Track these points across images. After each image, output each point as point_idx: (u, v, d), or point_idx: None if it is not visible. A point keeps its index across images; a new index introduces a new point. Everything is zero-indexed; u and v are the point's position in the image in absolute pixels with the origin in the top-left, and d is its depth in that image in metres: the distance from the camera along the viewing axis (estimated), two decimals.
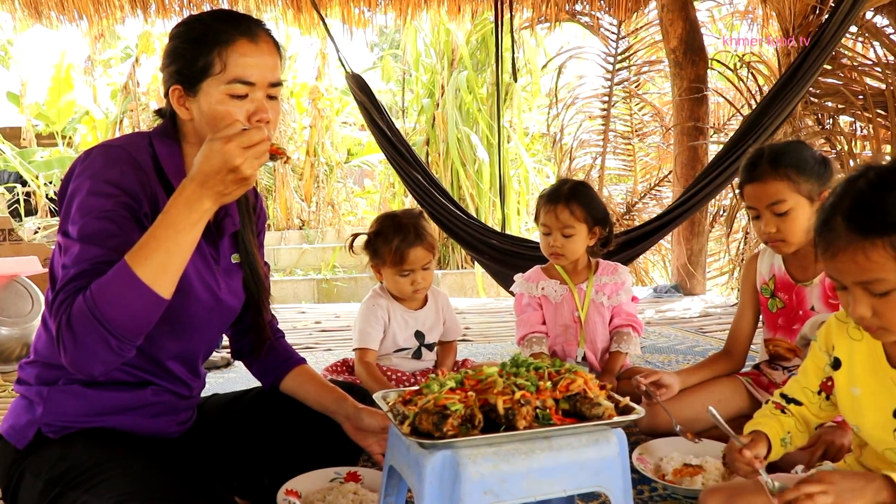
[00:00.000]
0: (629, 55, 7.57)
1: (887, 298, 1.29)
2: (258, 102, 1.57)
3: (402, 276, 2.70)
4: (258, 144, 1.41)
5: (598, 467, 1.31)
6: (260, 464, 1.94)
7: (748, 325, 2.46)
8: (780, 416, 1.63)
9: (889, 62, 5.51)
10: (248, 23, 1.59)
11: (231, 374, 3.66)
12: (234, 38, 1.55)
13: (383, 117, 5.23)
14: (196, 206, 1.41)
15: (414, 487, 1.28)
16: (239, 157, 1.38)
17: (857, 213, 1.29)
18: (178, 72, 1.58)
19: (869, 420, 1.46)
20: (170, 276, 1.41)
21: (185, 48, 1.58)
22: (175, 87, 1.59)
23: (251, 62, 1.55)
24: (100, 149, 1.56)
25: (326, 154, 13.01)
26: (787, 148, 2.19)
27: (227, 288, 1.74)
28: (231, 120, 1.52)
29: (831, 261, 1.33)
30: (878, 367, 1.46)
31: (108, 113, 13.10)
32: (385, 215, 2.80)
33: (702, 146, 6.26)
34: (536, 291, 2.98)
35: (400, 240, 2.64)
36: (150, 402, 1.68)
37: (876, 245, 1.26)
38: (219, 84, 1.54)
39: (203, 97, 1.56)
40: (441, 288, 3.53)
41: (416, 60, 11.57)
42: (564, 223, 2.79)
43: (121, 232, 1.46)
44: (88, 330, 1.36)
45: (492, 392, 1.28)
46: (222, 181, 1.40)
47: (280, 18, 6.96)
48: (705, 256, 6.59)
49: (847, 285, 1.34)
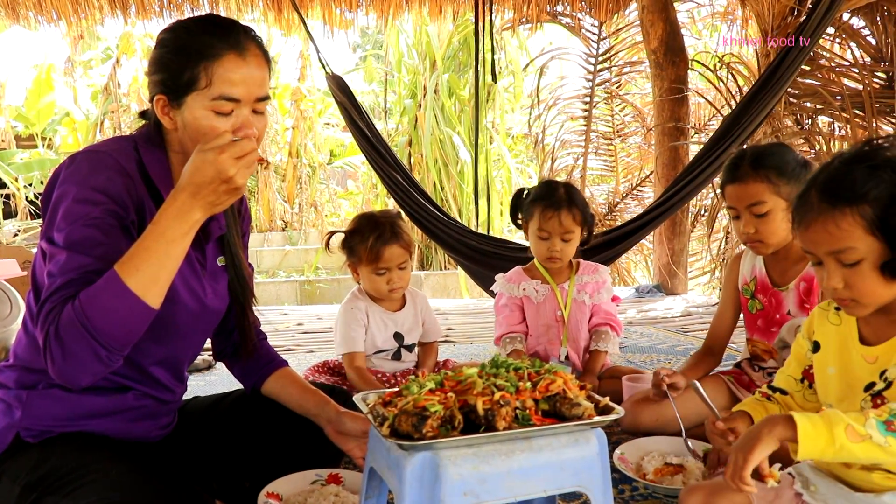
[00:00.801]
0: (610, 56, 7.60)
1: (857, 269, 1.35)
2: (243, 118, 1.54)
3: (378, 275, 2.70)
4: (249, 154, 1.41)
5: (578, 467, 1.31)
6: (241, 466, 1.94)
7: (728, 323, 2.49)
8: (766, 403, 1.66)
9: (866, 63, 5.57)
10: (238, 34, 1.55)
11: (213, 377, 3.64)
12: (220, 53, 1.51)
13: (363, 118, 5.22)
14: (187, 216, 1.41)
15: (394, 489, 1.28)
16: (232, 168, 1.38)
17: (829, 184, 1.37)
18: (163, 82, 1.55)
19: (841, 397, 1.50)
20: (160, 286, 1.41)
21: (171, 59, 1.54)
22: (160, 97, 1.56)
23: (237, 78, 1.52)
24: (85, 154, 1.54)
25: (309, 155, 12.99)
26: (769, 150, 2.21)
27: (212, 293, 1.74)
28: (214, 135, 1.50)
29: (805, 231, 1.40)
30: (851, 345, 1.51)
31: (89, 114, 13.01)
32: (362, 214, 2.80)
33: (682, 146, 6.29)
34: (518, 292, 2.99)
35: (376, 238, 2.64)
36: (131, 406, 1.67)
37: (845, 214, 1.33)
38: (204, 99, 1.51)
39: (187, 110, 1.53)
40: (424, 289, 3.54)
41: (399, 61, 11.57)
42: (567, 228, 2.80)
43: (108, 240, 1.45)
44: (77, 340, 1.36)
45: (471, 393, 1.28)
46: (214, 191, 1.40)
47: (261, 20, 6.93)
48: (687, 256, 6.62)
49: (820, 257, 1.40)
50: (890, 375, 1.40)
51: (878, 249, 1.33)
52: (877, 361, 1.44)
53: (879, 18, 5.45)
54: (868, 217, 1.32)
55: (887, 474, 1.46)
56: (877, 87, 5.50)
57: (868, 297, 1.38)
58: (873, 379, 1.44)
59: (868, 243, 1.33)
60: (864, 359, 1.46)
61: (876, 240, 1.33)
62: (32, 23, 6.64)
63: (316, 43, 5.38)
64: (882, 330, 1.46)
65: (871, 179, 1.32)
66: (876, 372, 1.44)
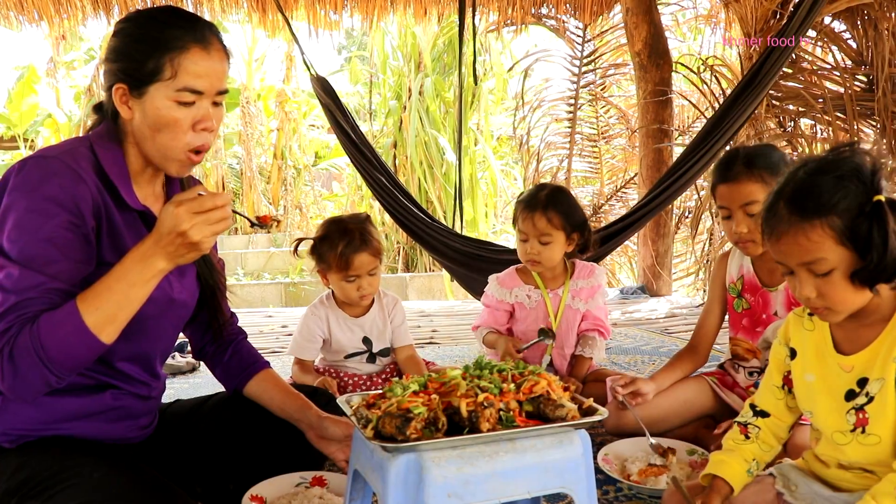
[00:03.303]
0: (595, 58, 7.63)
1: (829, 278, 1.37)
2: (204, 110, 1.56)
3: (347, 282, 2.67)
4: (210, 211, 1.39)
5: (562, 468, 1.32)
6: (224, 469, 1.93)
7: (715, 321, 2.50)
8: (743, 447, 1.65)
9: (847, 67, 5.62)
10: (202, 28, 1.56)
11: (196, 380, 3.62)
12: (187, 45, 1.52)
13: (348, 120, 5.21)
14: (150, 262, 1.41)
15: (378, 491, 1.28)
16: (186, 223, 1.37)
17: (797, 197, 1.37)
18: (125, 71, 1.54)
19: (821, 405, 1.51)
20: (116, 325, 1.43)
21: (135, 48, 1.53)
22: (119, 86, 1.55)
23: (202, 71, 1.53)
24: (35, 161, 1.50)
25: (294, 157, 12.97)
26: (760, 150, 2.23)
27: (179, 286, 1.72)
28: (177, 126, 1.52)
29: (776, 244, 1.41)
30: (826, 353, 1.52)
31: (72, 116, 12.92)
32: (331, 220, 2.76)
33: (667, 148, 6.32)
34: (510, 298, 2.95)
35: (345, 245, 2.60)
36: (110, 406, 1.66)
37: (815, 226, 1.34)
38: (167, 90, 1.52)
39: (149, 101, 1.53)
40: (409, 290, 3.52)
41: (384, 63, 11.56)
42: (542, 231, 2.75)
43: (62, 257, 1.44)
44: (30, 367, 1.37)
45: (455, 395, 1.29)
46: (172, 243, 1.39)
47: (246, 21, 6.91)
48: (671, 258, 6.65)
49: (792, 268, 1.41)
50: (871, 390, 1.42)
51: (848, 259, 1.35)
52: (853, 370, 1.46)
53: (860, 22, 5.50)
54: (837, 228, 1.33)
55: (864, 473, 1.48)
56: (858, 89, 5.54)
57: (840, 304, 1.40)
58: (851, 387, 1.46)
59: (838, 253, 1.34)
60: (841, 367, 1.48)
61: (846, 249, 1.34)
62: (14, 23, 6.59)
63: (300, 44, 5.37)
64: (855, 334, 1.48)
65: (838, 190, 1.33)
66: (853, 380, 1.46)
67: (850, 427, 1.45)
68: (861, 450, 1.45)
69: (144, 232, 1.62)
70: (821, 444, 1.56)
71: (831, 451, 1.52)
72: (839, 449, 1.48)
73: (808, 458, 1.62)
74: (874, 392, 1.41)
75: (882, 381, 1.41)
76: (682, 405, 2.40)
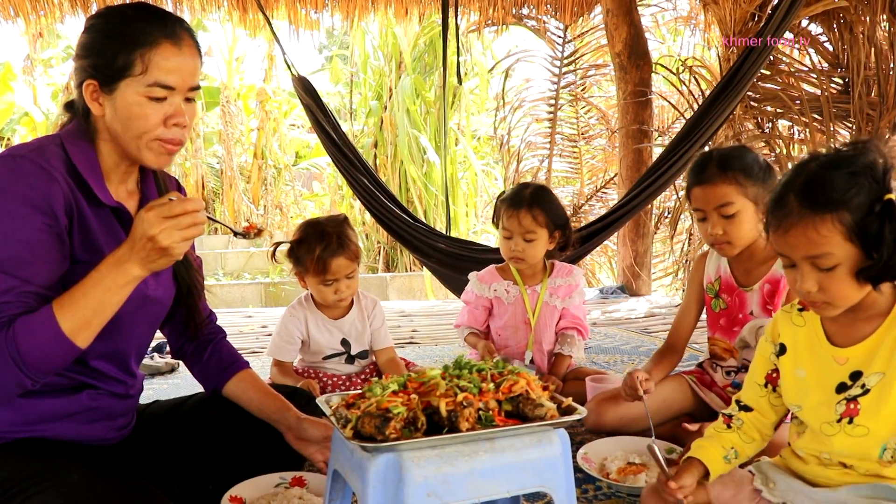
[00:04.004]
0: (575, 59, 7.66)
1: (832, 273, 1.38)
2: (175, 106, 1.55)
3: (325, 286, 2.66)
4: (180, 216, 1.39)
5: (541, 467, 1.32)
6: (203, 470, 1.92)
7: (691, 320, 2.52)
8: (723, 435, 1.67)
9: (823, 69, 5.69)
10: (173, 24, 1.56)
11: (175, 380, 3.60)
12: (157, 40, 1.51)
13: (329, 120, 5.20)
14: (125, 268, 1.41)
15: (358, 491, 1.28)
16: (155, 227, 1.37)
17: (808, 190, 1.37)
18: (95, 67, 1.53)
19: (813, 398, 1.52)
20: (92, 330, 1.43)
21: (105, 44, 1.53)
22: (90, 82, 1.54)
23: (173, 66, 1.53)
24: (3, 161, 1.48)
25: (274, 157, 12.91)
26: (734, 152, 2.24)
27: (154, 283, 1.71)
28: (148, 121, 1.51)
29: (784, 236, 1.41)
30: (819, 346, 1.53)
31: (49, 114, 12.78)
32: (308, 223, 2.74)
33: (646, 149, 6.36)
34: (488, 293, 2.99)
35: (322, 249, 2.59)
36: (87, 407, 1.64)
37: (825, 220, 1.34)
38: (138, 85, 1.51)
39: (119, 96, 1.52)
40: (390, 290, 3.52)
41: (364, 63, 11.55)
42: (527, 228, 2.79)
43: (36, 259, 1.44)
44: (4, 369, 1.37)
45: (434, 394, 1.29)
46: (143, 248, 1.40)
47: (227, 20, 6.88)
48: (650, 258, 6.69)
49: (796, 261, 1.42)
50: (869, 383, 1.43)
51: (854, 255, 1.35)
52: (847, 363, 1.47)
53: (836, 26, 5.57)
54: (847, 223, 1.33)
55: (844, 469, 1.50)
56: (834, 91, 5.61)
57: (841, 300, 1.41)
58: (843, 379, 1.47)
59: (846, 249, 1.35)
60: (835, 360, 1.49)
61: (853, 246, 1.35)
62: None
63: (281, 43, 5.35)
64: (849, 328, 1.49)
65: (851, 186, 1.34)
66: (846, 373, 1.47)
67: (836, 417, 1.46)
68: (847, 441, 1.46)
69: (118, 229, 1.61)
70: (804, 438, 1.57)
71: (815, 444, 1.53)
72: (825, 441, 1.50)
73: (786, 455, 1.64)
74: (871, 385, 1.43)
75: (881, 375, 1.42)
76: (662, 403, 2.42)
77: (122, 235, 1.60)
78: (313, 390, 2.58)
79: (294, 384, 2.56)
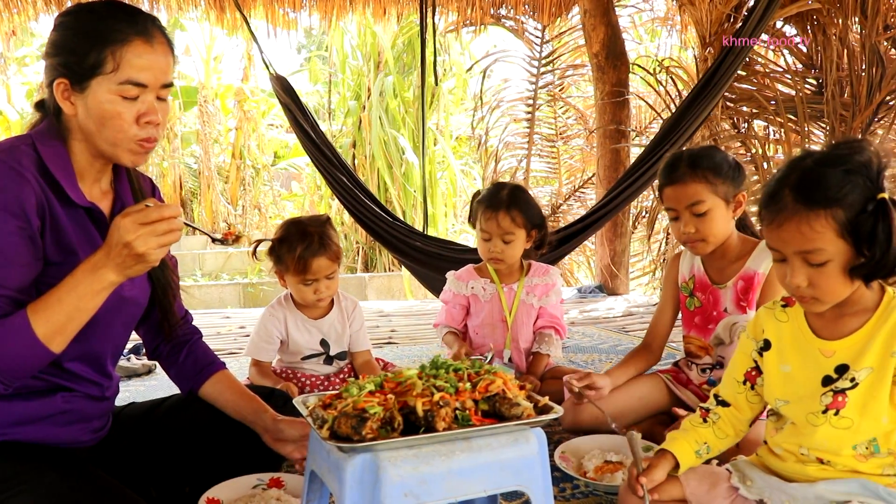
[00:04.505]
0: (553, 59, 7.69)
1: (823, 269, 1.40)
2: (148, 104, 1.54)
3: (305, 285, 2.65)
4: (156, 223, 1.38)
5: (518, 467, 1.33)
6: (180, 472, 1.91)
7: (668, 320, 2.54)
8: (698, 429, 1.69)
9: (798, 70, 5.75)
10: (145, 21, 1.55)
11: (152, 382, 3.57)
12: (129, 38, 1.50)
13: (308, 119, 5.19)
14: (100, 274, 1.41)
15: (335, 491, 1.28)
16: (131, 234, 1.37)
17: (803, 185, 1.39)
18: (66, 65, 1.51)
19: (798, 392, 1.54)
20: (66, 336, 1.43)
21: (76, 41, 1.51)
22: (61, 81, 1.52)
23: (145, 64, 1.52)
24: None
25: (253, 157, 12.84)
26: (703, 152, 2.27)
27: (129, 283, 1.68)
28: (121, 120, 1.50)
29: (776, 230, 1.43)
30: (804, 339, 1.55)
31: (24, 113, 12.63)
32: (290, 221, 2.73)
33: (623, 149, 6.39)
34: (465, 291, 3.00)
35: (304, 248, 2.58)
36: (61, 409, 1.63)
37: (819, 216, 1.36)
38: (110, 84, 1.50)
39: (91, 95, 1.51)
40: (368, 290, 3.51)
41: (343, 62, 11.52)
42: (506, 230, 2.80)
43: (9, 263, 1.43)
44: None
45: (411, 394, 1.29)
46: (119, 254, 1.39)
47: (204, 19, 6.84)
48: (628, 257, 6.72)
49: (787, 256, 1.44)
50: (858, 377, 1.45)
51: (845, 252, 1.38)
52: (834, 355, 1.49)
53: (809, 27, 5.63)
54: (840, 220, 1.35)
55: (822, 466, 1.52)
56: (808, 92, 5.68)
57: (829, 295, 1.43)
58: (828, 372, 1.49)
59: (837, 246, 1.37)
60: (822, 353, 1.51)
61: (845, 243, 1.37)
62: None
63: (259, 43, 5.33)
64: (835, 323, 1.51)
65: (846, 184, 1.36)
66: (831, 366, 1.49)
67: (822, 408, 1.48)
68: (831, 433, 1.48)
69: (92, 230, 1.60)
70: (783, 433, 1.59)
71: (796, 438, 1.55)
72: (808, 434, 1.51)
73: (763, 453, 1.66)
74: (861, 378, 1.45)
75: (870, 369, 1.44)
76: (638, 402, 2.44)
77: (97, 236, 1.59)
78: (291, 393, 2.57)
79: (273, 385, 2.56)
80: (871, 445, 1.47)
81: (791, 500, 1.52)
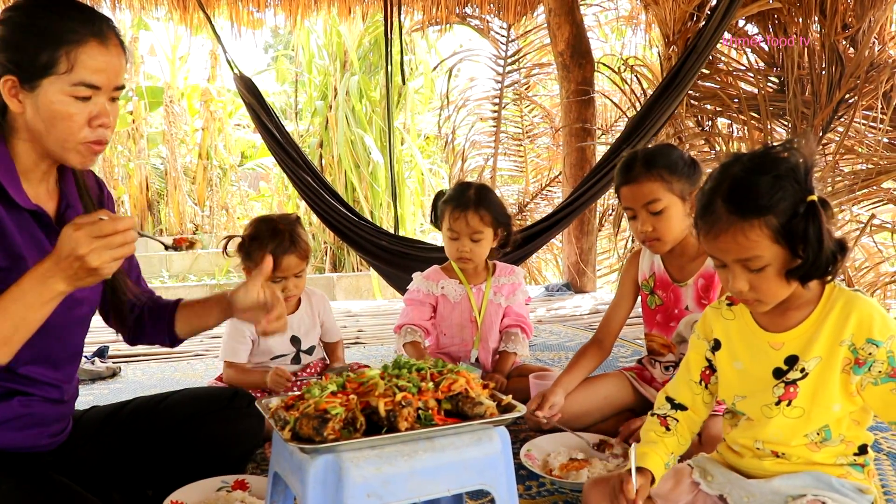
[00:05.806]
0: (519, 58, 7.71)
1: (762, 273, 1.43)
2: (100, 106, 1.52)
3: (273, 282, 2.63)
4: (111, 236, 1.34)
5: (482, 466, 1.33)
6: (143, 475, 1.89)
7: (622, 316, 2.55)
8: (665, 440, 1.68)
9: (760, 68, 5.83)
10: (100, 21, 1.52)
11: (116, 385, 3.53)
12: (84, 39, 1.48)
13: (272, 119, 5.16)
14: (49, 284, 1.36)
15: (298, 493, 1.28)
16: (85, 247, 1.32)
17: (735, 196, 1.41)
18: (15, 62, 1.47)
19: (752, 386, 1.57)
20: (13, 346, 1.39)
21: (26, 39, 1.47)
22: (8, 78, 1.48)
23: (100, 66, 1.49)
24: None
25: (220, 157, 12.74)
26: (658, 150, 2.29)
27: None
28: (72, 121, 1.48)
29: (714, 241, 1.45)
30: (752, 335, 1.58)
31: None
32: (261, 219, 2.74)
33: (589, 147, 6.43)
34: (436, 290, 2.99)
35: (275, 245, 2.59)
36: (18, 413, 1.60)
37: (753, 225, 1.38)
38: (63, 84, 1.47)
39: (42, 94, 1.48)
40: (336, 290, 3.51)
41: (309, 62, 11.47)
42: (474, 229, 2.82)
43: None
44: None
45: (373, 394, 1.29)
46: (70, 266, 1.34)
47: (168, 18, 6.77)
48: (595, 255, 6.76)
49: (727, 263, 1.46)
50: (808, 367, 1.48)
51: (781, 255, 1.40)
52: (783, 347, 1.52)
53: (771, 26, 5.71)
54: (774, 227, 1.37)
55: (777, 460, 1.54)
56: (770, 90, 5.76)
57: (771, 296, 1.46)
58: (778, 364, 1.52)
59: (773, 251, 1.40)
60: (771, 346, 1.54)
61: (780, 247, 1.39)
62: None
63: (223, 42, 5.29)
64: (779, 318, 1.54)
65: (777, 191, 1.37)
66: (781, 357, 1.52)
67: (775, 400, 1.51)
68: (784, 423, 1.51)
69: (39, 233, 1.57)
70: (738, 429, 1.61)
71: (750, 432, 1.58)
72: (762, 426, 1.54)
73: (722, 450, 1.68)
74: (810, 368, 1.48)
75: (819, 359, 1.47)
76: (603, 400, 2.45)
77: (44, 240, 1.57)
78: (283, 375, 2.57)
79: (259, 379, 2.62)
80: (823, 432, 1.51)
81: (749, 495, 1.54)
